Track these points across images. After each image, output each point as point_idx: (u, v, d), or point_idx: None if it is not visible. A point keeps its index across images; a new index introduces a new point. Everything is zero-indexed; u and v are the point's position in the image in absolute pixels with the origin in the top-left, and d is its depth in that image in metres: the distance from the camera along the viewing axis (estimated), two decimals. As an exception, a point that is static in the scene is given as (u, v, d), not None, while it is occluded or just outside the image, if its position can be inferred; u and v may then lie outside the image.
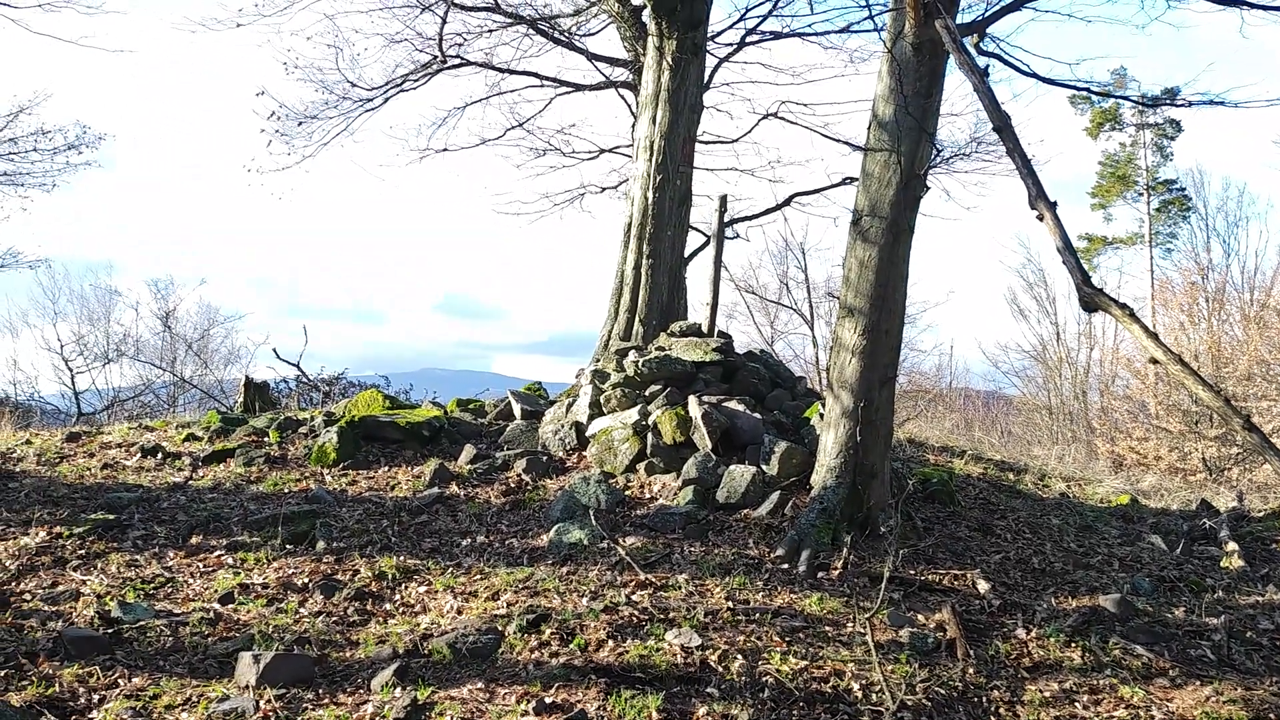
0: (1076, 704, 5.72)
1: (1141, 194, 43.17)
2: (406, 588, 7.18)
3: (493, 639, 5.97)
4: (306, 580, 7.13)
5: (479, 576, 7.29)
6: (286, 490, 9.15)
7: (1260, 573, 8.32)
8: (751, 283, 32.92)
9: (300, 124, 15.48)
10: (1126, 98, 10.64)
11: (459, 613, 6.68)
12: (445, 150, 17.45)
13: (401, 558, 7.63)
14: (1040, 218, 6.71)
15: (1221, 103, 8.95)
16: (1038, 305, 42.03)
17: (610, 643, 5.98)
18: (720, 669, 5.71)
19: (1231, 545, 8.81)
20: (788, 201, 17.00)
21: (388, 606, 6.86)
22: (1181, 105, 9.07)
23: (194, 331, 30.38)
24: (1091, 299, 6.27)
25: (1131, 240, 43.31)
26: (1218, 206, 43.74)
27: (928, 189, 8.22)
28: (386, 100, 15.90)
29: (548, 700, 5.25)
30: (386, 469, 9.73)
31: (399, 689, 5.35)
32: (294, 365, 16.37)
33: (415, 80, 15.77)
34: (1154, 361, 5.94)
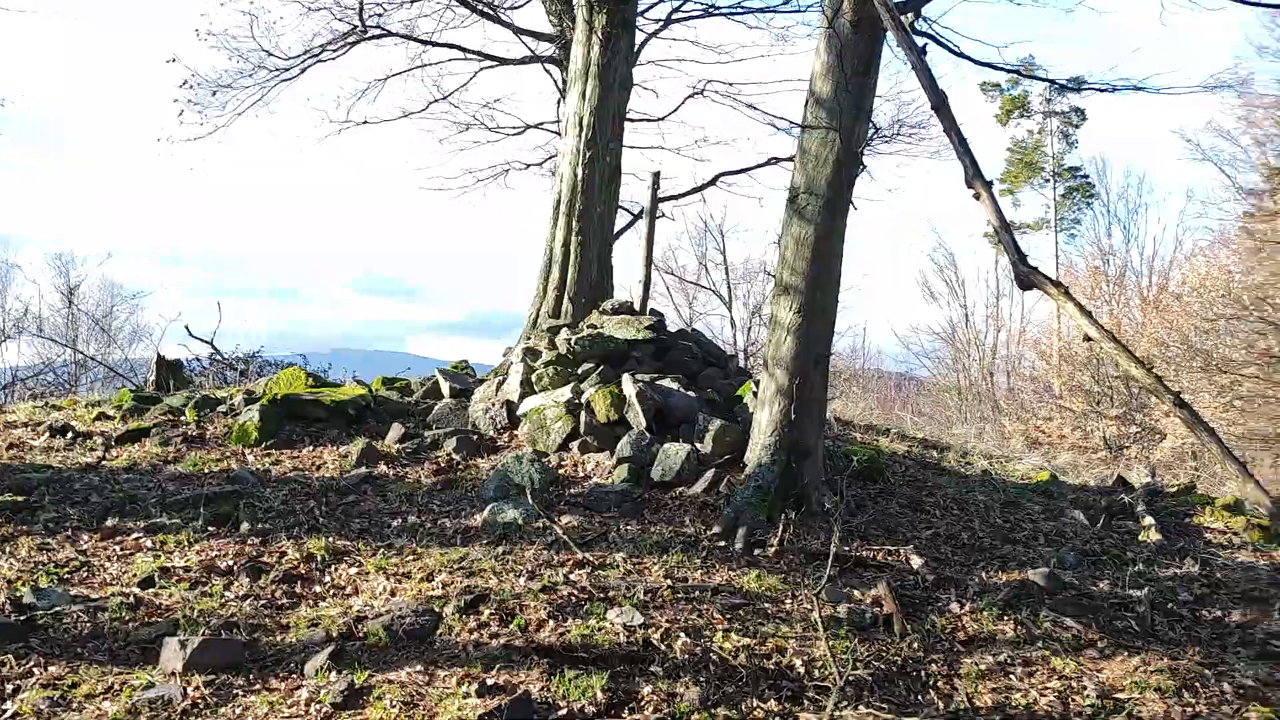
0: (1011, 676, 5.82)
1: (1048, 180, 44.42)
2: (337, 569, 6.96)
3: (430, 620, 5.83)
4: (231, 563, 6.86)
5: (412, 557, 7.11)
6: (207, 470, 8.82)
7: (1176, 546, 8.60)
8: (670, 263, 33.00)
9: (214, 93, 14.95)
10: (1054, 81, 10.83)
11: (392, 594, 6.50)
12: (366, 123, 17.05)
13: (330, 539, 7.40)
14: (977, 196, 6.76)
15: (1143, 88, 9.18)
16: (948, 288, 43.00)
17: (551, 623, 5.88)
18: (663, 647, 5.66)
19: (1149, 520, 9.10)
20: (713, 181, 17.01)
21: (318, 589, 6.65)
22: (1105, 90, 9.27)
23: (99, 308, 29.25)
24: (1028, 277, 6.34)
25: (1039, 225, 44.57)
26: (1119, 194, 45.20)
27: (864, 168, 8.25)
28: (304, 70, 15.44)
29: (489, 682, 5.13)
30: (311, 448, 9.45)
31: (334, 673, 5.17)
32: (207, 343, 15.83)
33: (334, 50, 15.34)
34: (1088, 339, 6.04)
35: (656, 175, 11.05)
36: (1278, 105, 28.14)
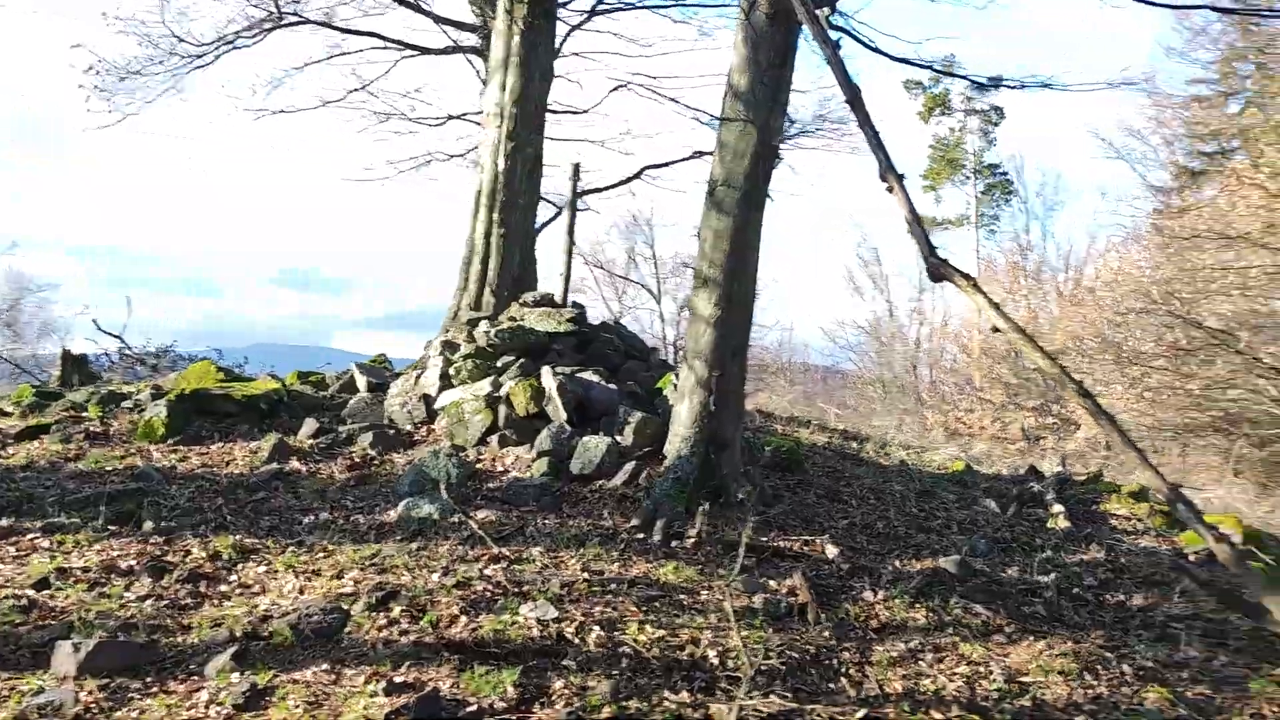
0: (921, 662, 5.90)
1: (969, 177, 45.28)
2: (244, 568, 6.78)
3: (338, 618, 5.70)
4: (133, 563, 6.63)
5: (323, 554, 6.96)
6: (110, 468, 8.52)
7: (1084, 533, 8.82)
8: (599, 257, 32.94)
9: (122, 79, 14.46)
10: (968, 78, 11.03)
11: (301, 592, 6.36)
12: (283, 112, 16.66)
13: (238, 537, 7.21)
14: (890, 189, 6.82)
15: (1051, 85, 9.37)
16: (872, 283, 43.60)
17: (463, 618, 5.79)
18: (577, 641, 5.62)
19: (1057, 507, 9.32)
20: (638, 174, 16.99)
21: (223, 588, 6.46)
22: (1015, 86, 9.43)
23: (3, 301, 28.21)
24: (938, 269, 6.42)
25: (959, 222, 45.39)
26: (1036, 191, 46.26)
27: (780, 160, 8.30)
28: (218, 58, 15.03)
29: (398, 679, 5.04)
30: (221, 444, 9.21)
31: (236, 674, 5.02)
32: (116, 337, 15.35)
33: (250, 37, 14.96)
34: (995, 329, 6.14)
35: (577, 166, 10.99)
36: (1185, 106, 29.10)
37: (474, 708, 4.85)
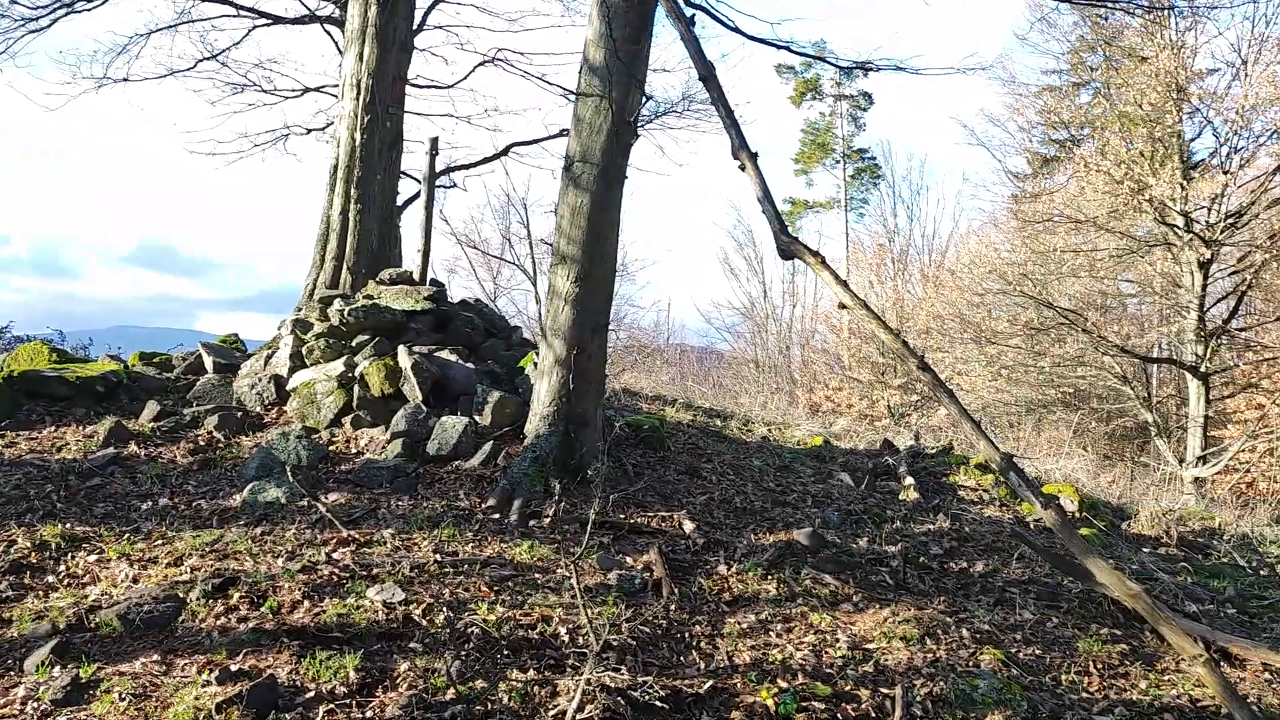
0: (771, 633, 5.99)
1: (838, 161, 46.33)
2: (74, 558, 6.43)
3: (172, 607, 5.46)
4: (-51, 555, 6.22)
5: (161, 542, 6.66)
6: (-74, 456, 7.97)
7: (932, 503, 9.13)
8: (473, 237, 32.47)
9: (-56, 42, 13.48)
10: (821, 58, 11.24)
11: (135, 581, 6.07)
12: (126, 80, 15.78)
13: (68, 525, 6.83)
14: (742, 168, 6.87)
15: (904, 68, 9.60)
16: (747, 265, 44.20)
17: (306, 603, 5.61)
18: (425, 622, 5.50)
19: (909, 480, 9.61)
20: (505, 151, 16.75)
21: (50, 579, 6.11)
22: (868, 68, 9.65)
23: None
24: (788, 246, 6.50)
25: (830, 205, 46.45)
26: (903, 175, 47.58)
27: (638, 136, 8.27)
28: (54, 21, 14.14)
29: (234, 668, 4.84)
30: (53, 429, 8.70)
31: (58, 667, 4.76)
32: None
33: (88, 0, 14.11)
34: (842, 306, 6.26)
35: (435, 141, 10.73)
36: (1039, 95, 30.35)
37: (312, 694, 4.70)
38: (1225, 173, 20.46)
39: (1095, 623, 6.84)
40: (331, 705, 4.62)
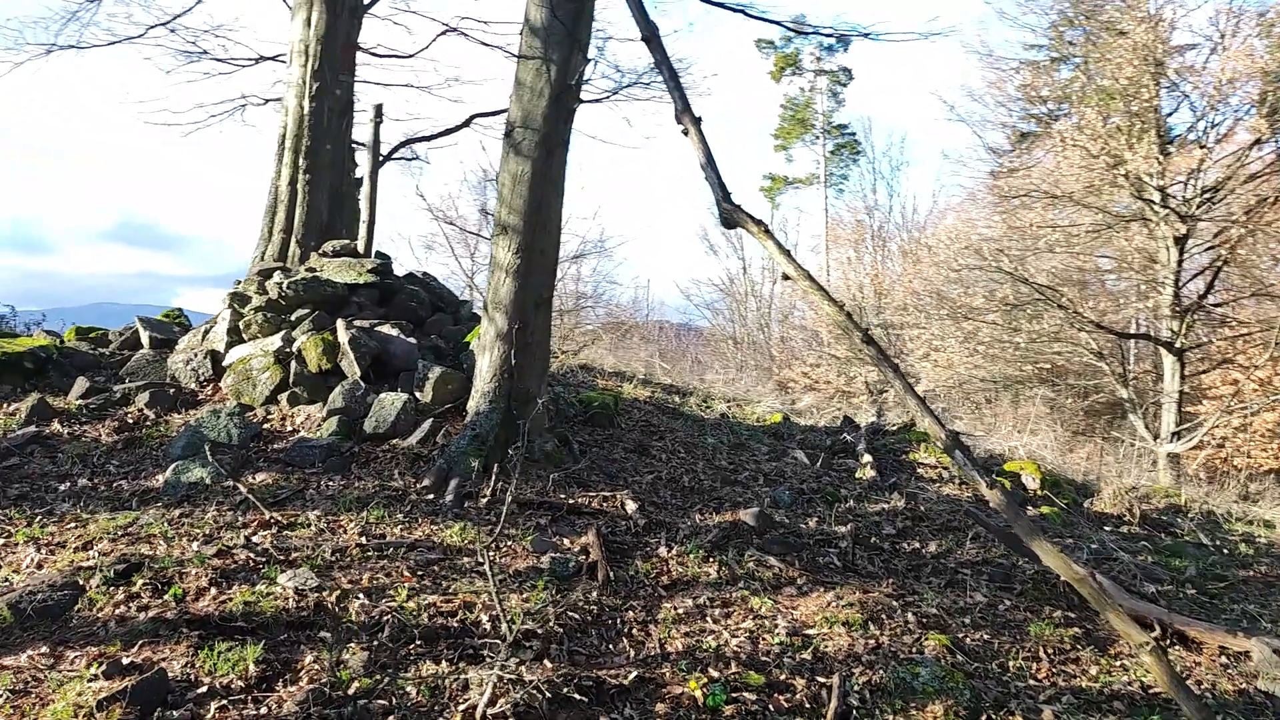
0: (708, 618, 5.73)
1: (818, 137, 45.96)
2: (-22, 542, 6.11)
3: (68, 595, 5.16)
4: None
5: (74, 524, 6.33)
6: None
7: (889, 481, 8.88)
8: (450, 213, 31.99)
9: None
10: (779, 23, 10.90)
11: (40, 567, 5.75)
12: (76, 47, 15.26)
13: (-24, 508, 6.51)
14: (685, 132, 6.55)
15: (869, 35, 9.29)
16: (727, 240, 43.89)
17: (213, 590, 5.32)
18: (338, 610, 5.22)
19: (867, 458, 9.36)
20: (468, 122, 16.26)
21: (-51, 565, 5.79)
22: (830, 35, 9.35)
23: None
24: (730, 214, 6.20)
25: (809, 181, 46.12)
26: (884, 151, 47.26)
27: (580, 101, 7.91)
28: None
29: (125, 661, 4.55)
30: (-26, 407, 8.34)
31: (-64, 662, 4.46)
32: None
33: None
34: (786, 277, 5.97)
35: (379, 108, 10.37)
36: (1018, 70, 30.02)
37: (205, 689, 4.42)
38: (1202, 147, 20.26)
39: (1049, 605, 6.61)
40: (225, 701, 4.34)
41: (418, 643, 4.97)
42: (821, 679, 5.12)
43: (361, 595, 5.38)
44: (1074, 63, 27.96)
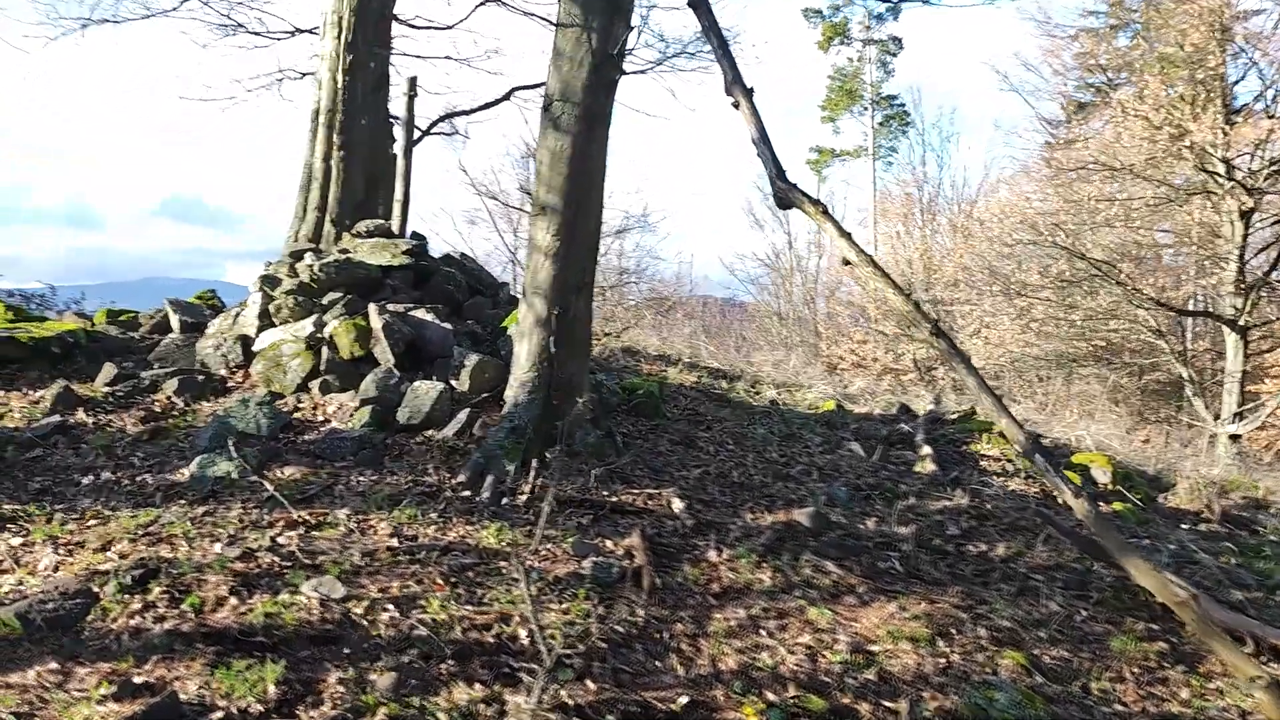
0: (762, 632, 5.31)
1: (866, 108, 44.99)
2: (-4, 540, 5.82)
3: (82, 604, 4.84)
4: None
5: (94, 522, 6.03)
6: None
7: (951, 476, 8.37)
8: (493, 187, 31.66)
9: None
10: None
11: (56, 569, 5.45)
12: (111, 21, 15.01)
13: (-3, 502, 6.23)
14: (735, 105, 6.07)
15: (930, 1, 8.71)
16: (772, 214, 43.20)
17: (233, 600, 4.97)
18: (366, 623, 4.86)
19: (926, 449, 8.86)
20: (508, 95, 15.83)
21: (-36, 566, 5.52)
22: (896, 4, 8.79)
23: None
24: (785, 194, 5.71)
25: (857, 153, 45.26)
26: (933, 123, 46.14)
27: (623, 72, 7.45)
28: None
29: (137, 679, 4.22)
30: (0, 393, 8.09)
31: (-63, 680, 4.16)
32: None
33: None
34: (846, 263, 5.49)
35: (413, 81, 9.99)
36: (1075, 38, 28.99)
37: (221, 714, 4.08)
38: (1270, 117, 19.33)
39: (1129, 615, 6.11)
40: (242, 727, 4.01)
41: (450, 662, 4.59)
42: (888, 704, 4.69)
43: (391, 606, 5.01)
44: (1133, 29, 26.96)
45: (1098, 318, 24.21)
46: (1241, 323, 19.87)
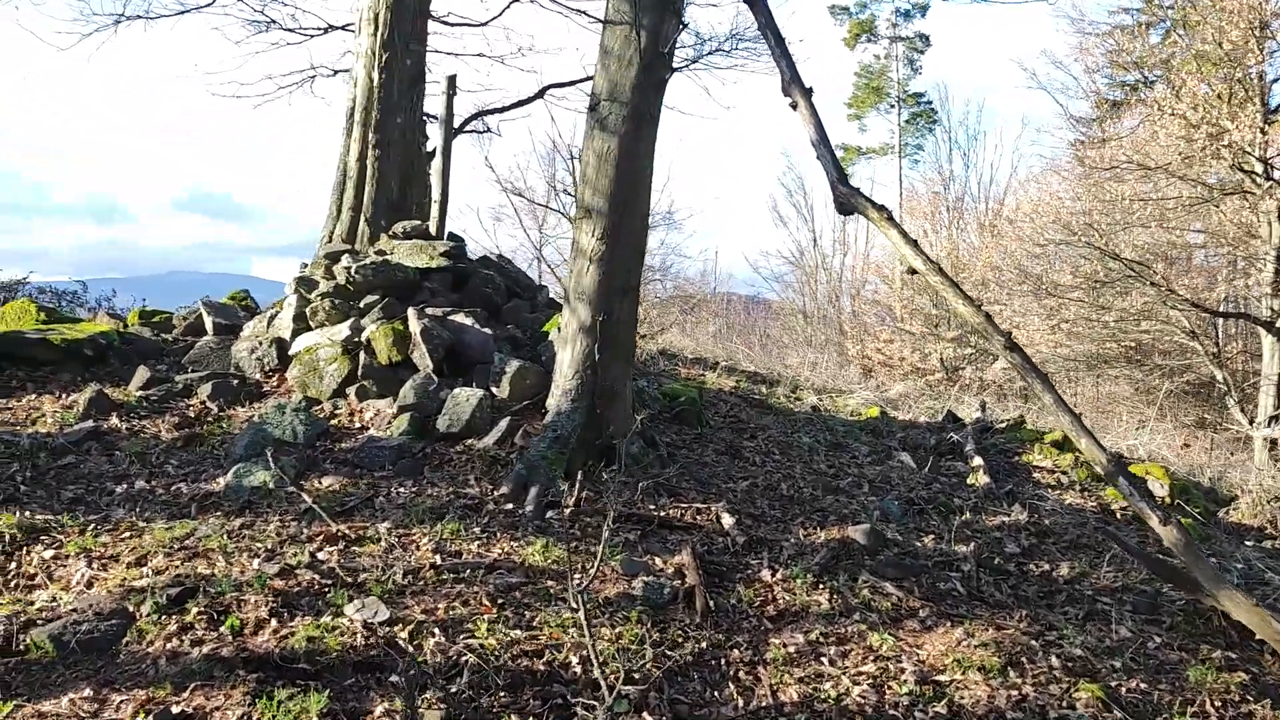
0: (823, 659, 5.07)
1: (893, 106, 44.52)
2: (29, 552, 5.63)
3: (118, 625, 4.65)
4: (-123, 550, 5.46)
5: (128, 534, 5.85)
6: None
7: (1005, 489, 8.09)
8: (519, 184, 31.46)
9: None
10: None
11: (90, 585, 5.27)
12: (144, 18, 14.88)
13: (29, 512, 6.04)
14: (794, 105, 5.80)
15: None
16: (797, 212, 42.90)
17: (274, 622, 4.77)
18: (411, 648, 4.65)
19: (977, 460, 8.57)
20: (541, 93, 15.60)
21: (-3, 580, 5.34)
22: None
23: None
24: (847, 199, 5.44)
25: (883, 150, 44.81)
26: (960, 120, 45.71)
27: (673, 70, 7.21)
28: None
29: (175, 709, 4.03)
30: (33, 397, 7.91)
31: (-33, 708, 3.98)
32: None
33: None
34: (911, 271, 5.22)
35: (452, 79, 9.77)
36: (1108, 35, 28.49)
37: (264, 749, 3.89)
38: (1309, 117, 18.88)
39: (1204, 642, 5.81)
40: (285, 765, 3.80)
41: (500, 692, 4.38)
42: (962, 741, 4.45)
43: (437, 630, 4.80)
44: (1166, 26, 26.45)
45: (1129, 319, 23.81)
46: (1278, 325, 19.45)
